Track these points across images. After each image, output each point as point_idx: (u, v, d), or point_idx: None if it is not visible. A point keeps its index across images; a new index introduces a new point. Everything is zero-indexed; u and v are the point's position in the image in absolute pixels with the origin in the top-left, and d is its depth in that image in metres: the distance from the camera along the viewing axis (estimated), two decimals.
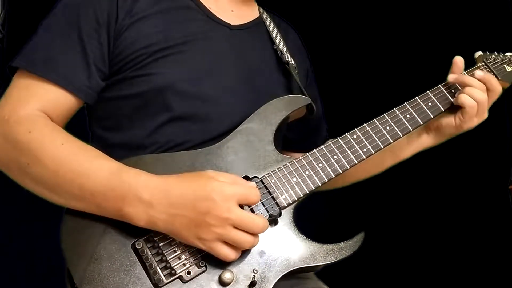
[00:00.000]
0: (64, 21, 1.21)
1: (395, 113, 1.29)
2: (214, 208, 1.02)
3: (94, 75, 1.20)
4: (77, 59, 1.18)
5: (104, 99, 1.24)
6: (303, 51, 1.54)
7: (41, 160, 1.08)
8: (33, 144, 1.09)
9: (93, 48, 1.19)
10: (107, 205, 1.06)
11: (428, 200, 2.54)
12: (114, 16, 1.21)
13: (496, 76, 1.38)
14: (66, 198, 1.09)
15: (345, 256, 1.14)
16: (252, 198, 1.08)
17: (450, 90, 1.34)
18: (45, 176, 1.08)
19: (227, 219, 1.02)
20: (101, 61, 1.20)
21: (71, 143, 1.11)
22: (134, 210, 1.04)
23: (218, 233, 1.03)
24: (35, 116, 1.13)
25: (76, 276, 1.04)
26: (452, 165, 2.41)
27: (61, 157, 1.08)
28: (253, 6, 1.47)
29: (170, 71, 1.22)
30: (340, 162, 1.21)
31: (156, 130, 1.22)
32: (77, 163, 1.08)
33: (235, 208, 1.04)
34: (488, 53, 1.44)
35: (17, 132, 1.10)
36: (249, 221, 1.04)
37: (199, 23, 1.31)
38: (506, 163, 2.46)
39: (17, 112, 1.13)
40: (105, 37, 1.20)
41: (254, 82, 1.33)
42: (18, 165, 1.10)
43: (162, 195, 1.04)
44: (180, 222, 1.03)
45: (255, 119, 1.23)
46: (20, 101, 1.15)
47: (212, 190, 1.03)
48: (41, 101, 1.16)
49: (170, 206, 1.03)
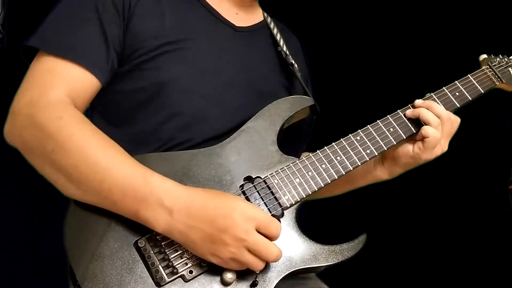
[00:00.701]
0: (82, 5, 1.20)
1: (399, 115, 1.28)
2: (232, 227, 1.01)
3: (113, 57, 1.20)
4: (99, 42, 1.18)
5: (110, 91, 1.23)
6: (304, 59, 1.54)
7: (68, 148, 1.06)
8: (62, 131, 1.07)
9: (111, 29, 1.19)
10: (124, 204, 1.05)
11: (429, 200, 2.55)
12: (128, 3, 1.21)
13: (500, 79, 1.38)
14: (83, 190, 1.07)
15: (347, 257, 1.14)
16: (273, 229, 1.05)
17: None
18: (67, 165, 1.07)
19: (243, 240, 1.02)
20: (118, 43, 1.20)
21: (99, 135, 1.11)
22: (153, 214, 1.03)
23: (232, 253, 1.02)
24: (64, 103, 1.12)
25: (78, 274, 1.04)
26: (452, 165, 2.41)
27: (89, 148, 1.07)
28: (257, 10, 1.47)
29: (173, 68, 1.22)
30: (343, 163, 1.21)
31: (158, 127, 1.22)
32: (103, 157, 1.07)
33: (253, 231, 1.03)
34: (493, 56, 1.44)
35: (47, 116, 1.08)
36: (264, 248, 1.04)
37: (205, 22, 1.32)
38: (506, 163, 2.46)
39: (47, 96, 1.11)
40: (121, 21, 1.20)
41: (257, 83, 1.33)
42: (43, 150, 1.08)
43: (184, 205, 1.03)
44: (196, 235, 1.03)
45: (259, 119, 1.23)
46: (48, 84, 1.13)
47: (234, 209, 1.03)
48: (68, 85, 1.14)
49: (189, 217, 1.03)
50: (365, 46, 2.61)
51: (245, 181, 1.16)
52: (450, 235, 2.51)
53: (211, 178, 1.15)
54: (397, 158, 1.29)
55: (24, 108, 1.11)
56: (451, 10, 2.47)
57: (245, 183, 1.15)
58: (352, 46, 2.62)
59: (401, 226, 2.57)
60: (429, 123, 1.24)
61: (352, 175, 1.27)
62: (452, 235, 2.51)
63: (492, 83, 1.39)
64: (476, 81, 1.36)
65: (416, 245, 2.56)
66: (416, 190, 2.48)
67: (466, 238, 2.48)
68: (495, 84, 1.39)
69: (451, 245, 2.51)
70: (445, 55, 2.40)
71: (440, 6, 2.50)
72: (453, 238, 2.51)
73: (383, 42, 2.60)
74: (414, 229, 2.56)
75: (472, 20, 2.42)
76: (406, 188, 2.45)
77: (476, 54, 1.45)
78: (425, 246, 2.55)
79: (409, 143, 1.28)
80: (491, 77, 1.39)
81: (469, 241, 2.47)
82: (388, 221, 2.58)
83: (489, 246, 2.43)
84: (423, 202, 2.56)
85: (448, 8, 2.48)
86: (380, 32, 2.60)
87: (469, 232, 2.47)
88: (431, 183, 2.44)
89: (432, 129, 1.24)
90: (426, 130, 1.24)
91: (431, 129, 1.24)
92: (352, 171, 1.21)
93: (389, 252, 2.55)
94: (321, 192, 1.22)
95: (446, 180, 2.47)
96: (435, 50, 2.46)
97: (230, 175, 1.16)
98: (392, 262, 2.57)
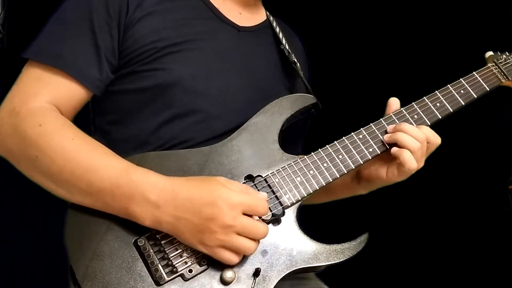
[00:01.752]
0: (76, 14, 1.21)
1: (402, 113, 1.27)
2: (218, 215, 1.02)
3: (105, 67, 1.19)
4: (89, 51, 1.18)
5: (110, 92, 1.23)
6: (305, 60, 1.54)
7: (50, 154, 1.07)
8: (43, 138, 1.08)
9: (104, 40, 1.19)
10: (113, 203, 1.06)
11: (429, 200, 2.55)
12: (125, 10, 1.20)
13: (506, 76, 1.37)
14: (72, 193, 1.09)
15: (348, 256, 1.13)
16: (259, 209, 1.07)
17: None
18: (53, 170, 1.08)
19: (231, 226, 1.02)
20: (112, 54, 1.20)
21: (81, 138, 1.11)
22: (140, 209, 1.04)
23: (221, 240, 1.03)
24: (46, 109, 1.13)
25: (79, 273, 1.04)
26: (452, 165, 2.42)
27: (70, 152, 1.08)
28: (260, 9, 1.47)
29: (177, 68, 1.22)
30: (345, 162, 1.20)
31: (160, 126, 1.21)
32: (86, 159, 1.08)
33: (239, 216, 1.03)
34: (499, 53, 1.43)
35: (28, 125, 1.10)
36: (253, 228, 1.05)
37: (208, 22, 1.32)
38: (506, 163, 2.46)
39: (28, 104, 1.12)
40: (116, 30, 1.20)
41: (260, 82, 1.33)
42: (27, 158, 1.10)
43: (169, 197, 1.04)
44: (184, 225, 1.03)
45: (261, 117, 1.23)
46: (31, 93, 1.14)
47: (219, 197, 1.03)
48: (52, 92, 1.15)
49: (176, 209, 1.03)
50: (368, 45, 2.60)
51: (246, 179, 1.16)
52: (450, 235, 2.51)
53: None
54: (371, 180, 1.28)
55: (6, 117, 1.13)
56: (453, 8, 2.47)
57: (246, 181, 1.15)
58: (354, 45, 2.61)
59: (401, 226, 2.56)
60: (407, 148, 1.18)
61: (332, 186, 1.22)
62: (452, 235, 2.51)
63: (497, 80, 1.37)
64: (482, 78, 1.34)
65: (416, 245, 2.56)
66: (416, 190, 2.46)
67: (466, 238, 2.48)
68: (501, 81, 1.37)
69: (451, 245, 2.51)
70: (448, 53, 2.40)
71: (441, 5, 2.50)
72: (453, 238, 2.51)
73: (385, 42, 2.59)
74: (415, 229, 2.56)
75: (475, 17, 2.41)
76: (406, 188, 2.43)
77: (480, 52, 1.44)
78: (426, 246, 2.55)
79: (382, 167, 1.24)
80: (497, 74, 1.37)
81: (469, 241, 2.47)
82: (389, 221, 2.57)
83: (489, 246, 2.43)
84: (423, 202, 2.56)
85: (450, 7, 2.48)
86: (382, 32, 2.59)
87: (469, 232, 2.46)
88: (431, 183, 2.43)
89: (409, 156, 1.18)
90: (404, 157, 1.17)
91: (407, 156, 1.17)
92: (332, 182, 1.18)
93: (389, 252, 2.54)
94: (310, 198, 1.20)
95: (446, 180, 2.47)
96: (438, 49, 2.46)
97: (231, 174, 1.15)
98: (392, 262, 2.56)
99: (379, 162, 1.25)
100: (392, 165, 1.23)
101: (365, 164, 1.23)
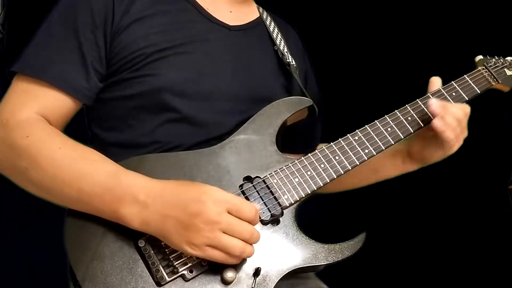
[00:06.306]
0: (61, 24, 1.21)
1: (396, 115, 1.28)
2: (204, 211, 1.01)
3: (92, 76, 1.20)
4: (75, 61, 1.19)
5: (101, 100, 1.24)
6: (303, 52, 1.54)
7: (39, 165, 1.08)
8: (31, 149, 1.09)
9: (90, 50, 1.19)
10: (104, 207, 1.06)
11: (429, 200, 2.55)
12: (110, 18, 1.21)
13: (496, 79, 1.39)
14: (65, 201, 1.10)
15: (347, 256, 1.14)
16: (245, 211, 1.04)
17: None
18: (44, 180, 1.09)
19: (216, 222, 1.01)
20: (99, 63, 1.21)
21: (69, 146, 1.12)
22: (129, 211, 1.04)
23: (207, 237, 1.01)
24: (33, 120, 1.13)
25: (79, 274, 1.05)
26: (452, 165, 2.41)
27: (59, 161, 1.08)
28: (252, 6, 1.46)
29: (166, 73, 1.22)
30: (341, 163, 1.21)
31: (154, 130, 1.22)
32: (75, 167, 1.08)
33: (225, 213, 1.02)
34: (488, 57, 1.45)
35: (15, 136, 1.10)
36: (239, 227, 1.03)
37: (197, 25, 1.31)
38: (506, 163, 2.47)
39: (16, 116, 1.13)
40: (102, 39, 1.20)
41: (253, 83, 1.32)
42: (18, 170, 1.11)
43: (158, 195, 1.04)
44: (171, 224, 1.02)
45: (257, 120, 1.24)
46: (18, 105, 1.15)
47: (204, 193, 1.03)
48: (40, 104, 1.16)
49: (163, 206, 1.03)
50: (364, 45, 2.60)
51: (245, 181, 1.16)
52: (450, 235, 2.51)
53: (210, 178, 1.15)
54: (427, 159, 1.34)
55: None
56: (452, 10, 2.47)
57: (244, 183, 1.16)
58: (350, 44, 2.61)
59: (401, 226, 2.57)
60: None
61: (381, 164, 1.36)
62: (452, 235, 2.51)
63: (488, 83, 1.39)
64: (472, 81, 1.37)
65: (416, 245, 2.56)
66: (416, 190, 2.48)
67: (466, 238, 2.48)
68: (491, 84, 1.40)
69: (451, 245, 2.51)
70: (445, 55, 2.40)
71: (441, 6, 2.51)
72: (453, 238, 2.51)
73: (381, 42, 2.59)
74: (414, 229, 2.56)
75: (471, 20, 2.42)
76: (406, 188, 2.45)
77: (475, 54, 1.45)
78: (425, 246, 2.55)
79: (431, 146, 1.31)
80: (487, 77, 1.40)
81: (469, 241, 2.47)
82: (388, 221, 2.58)
83: (489, 246, 2.43)
84: (423, 202, 2.56)
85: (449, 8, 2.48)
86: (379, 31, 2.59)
87: (469, 232, 2.47)
88: (431, 183, 2.43)
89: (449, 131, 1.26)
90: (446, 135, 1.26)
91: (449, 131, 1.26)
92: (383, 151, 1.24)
93: (389, 252, 2.55)
94: (345, 184, 1.32)
95: (446, 180, 2.47)
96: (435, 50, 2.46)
97: (229, 175, 1.16)
98: (392, 262, 2.56)
99: (428, 143, 1.31)
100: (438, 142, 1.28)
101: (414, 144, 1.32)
